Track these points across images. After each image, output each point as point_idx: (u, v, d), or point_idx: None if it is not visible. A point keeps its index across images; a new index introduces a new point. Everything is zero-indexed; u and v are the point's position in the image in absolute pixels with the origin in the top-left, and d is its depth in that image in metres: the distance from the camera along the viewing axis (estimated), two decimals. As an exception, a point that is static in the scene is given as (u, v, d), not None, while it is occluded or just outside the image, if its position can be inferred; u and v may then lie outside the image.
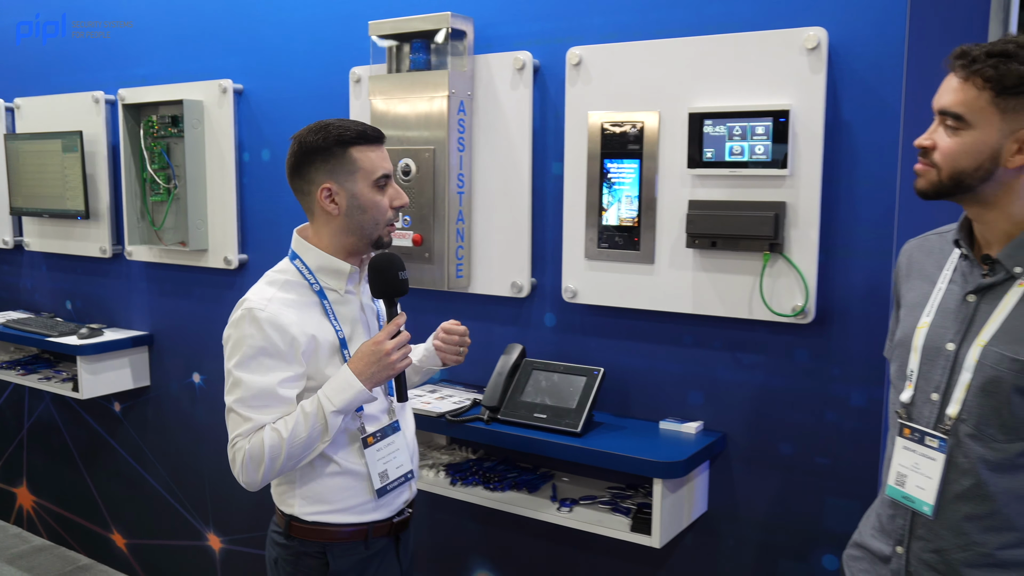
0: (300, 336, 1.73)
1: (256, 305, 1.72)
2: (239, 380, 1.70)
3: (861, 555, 1.62)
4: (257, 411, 1.69)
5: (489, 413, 2.31)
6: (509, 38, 2.43)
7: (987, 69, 1.34)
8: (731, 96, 2.07)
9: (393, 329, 1.78)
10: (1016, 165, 1.37)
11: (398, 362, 1.76)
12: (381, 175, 1.78)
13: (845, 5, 1.96)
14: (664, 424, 2.26)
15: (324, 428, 1.71)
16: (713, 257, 2.13)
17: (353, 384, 1.72)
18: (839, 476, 2.09)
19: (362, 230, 1.79)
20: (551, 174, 2.40)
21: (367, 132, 1.77)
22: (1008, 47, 1.34)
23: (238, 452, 1.70)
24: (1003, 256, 1.42)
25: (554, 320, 2.46)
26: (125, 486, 3.73)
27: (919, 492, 1.47)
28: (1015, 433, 1.38)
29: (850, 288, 2.03)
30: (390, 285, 1.80)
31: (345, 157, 1.75)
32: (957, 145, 1.39)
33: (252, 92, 3.05)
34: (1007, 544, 1.40)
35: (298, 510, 1.82)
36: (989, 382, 1.39)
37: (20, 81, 3.79)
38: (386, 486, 1.84)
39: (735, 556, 2.26)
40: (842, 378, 2.06)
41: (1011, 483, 1.39)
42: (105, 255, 3.51)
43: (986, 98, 1.35)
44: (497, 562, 2.67)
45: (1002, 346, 1.39)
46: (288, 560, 1.85)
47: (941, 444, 1.44)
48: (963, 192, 1.42)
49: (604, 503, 2.26)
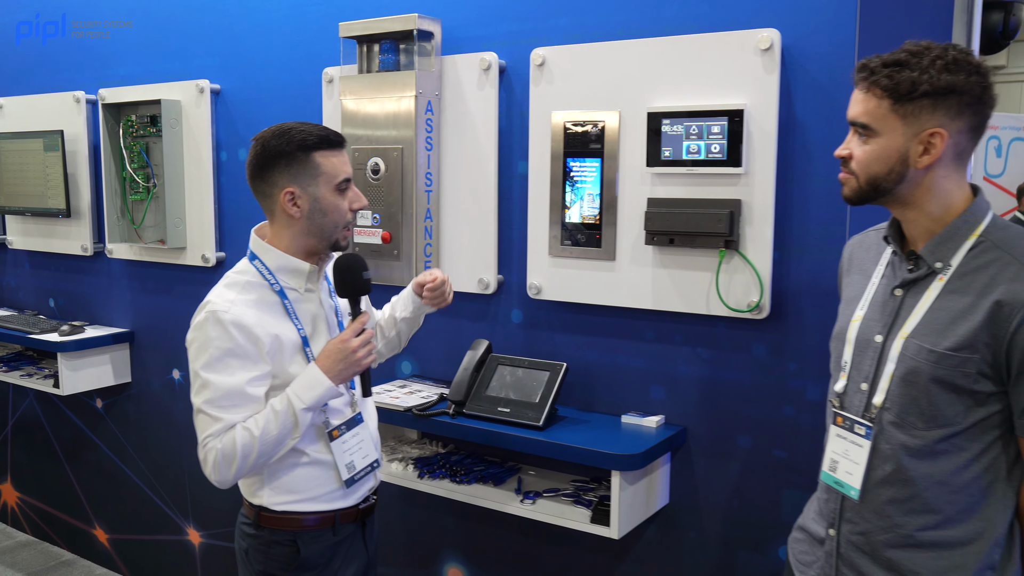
0: (264, 336, 1.77)
1: (219, 307, 1.76)
2: (207, 382, 1.75)
3: (802, 537, 1.68)
4: (227, 411, 1.74)
5: (455, 407, 2.35)
6: (476, 39, 2.48)
7: (883, 79, 1.41)
8: (688, 96, 2.11)
9: (358, 327, 1.84)
10: (924, 165, 1.43)
11: (363, 359, 1.83)
12: (343, 179, 1.82)
13: (797, 7, 2.01)
14: (626, 418, 2.30)
15: (295, 425, 1.76)
16: (671, 254, 2.17)
17: (322, 382, 1.78)
18: (796, 468, 2.13)
19: (322, 232, 1.83)
20: (517, 173, 2.44)
21: (329, 137, 1.81)
22: (902, 56, 1.41)
23: (210, 452, 1.75)
24: (925, 252, 1.48)
25: (521, 316, 2.50)
26: (107, 482, 3.77)
27: (848, 477, 1.53)
28: (933, 421, 1.43)
29: (804, 284, 2.07)
30: (355, 285, 1.86)
31: (308, 162, 1.79)
32: (868, 153, 1.46)
33: (229, 92, 3.09)
34: (926, 526, 1.46)
35: (267, 500, 1.86)
36: (910, 372, 1.45)
37: (2, 81, 3.83)
38: (353, 476, 1.90)
39: (696, 547, 2.30)
40: (798, 372, 2.10)
41: (930, 468, 1.45)
42: (87, 253, 3.55)
43: (886, 106, 1.42)
44: (468, 555, 2.71)
45: (921, 338, 1.44)
46: (259, 549, 1.89)
47: (867, 431, 1.50)
48: (882, 195, 1.48)
49: (567, 495, 2.30)
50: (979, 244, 1.44)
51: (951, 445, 1.43)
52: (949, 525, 1.45)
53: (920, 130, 1.41)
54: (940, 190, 1.46)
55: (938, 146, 1.41)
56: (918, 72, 1.39)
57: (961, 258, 1.45)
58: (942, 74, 1.38)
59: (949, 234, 1.46)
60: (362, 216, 2.53)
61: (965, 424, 1.43)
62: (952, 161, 1.45)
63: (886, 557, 1.50)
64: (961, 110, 1.40)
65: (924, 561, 1.46)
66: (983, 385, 1.41)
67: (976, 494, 1.44)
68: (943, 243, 1.47)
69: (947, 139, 1.41)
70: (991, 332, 1.38)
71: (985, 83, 1.41)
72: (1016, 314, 1.36)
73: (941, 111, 1.40)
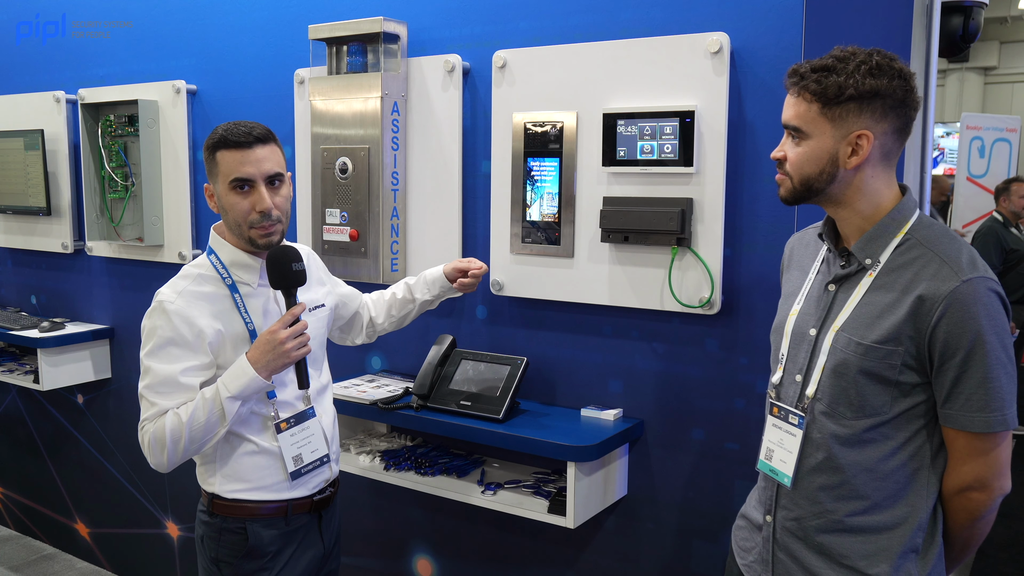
0: (207, 328, 1.83)
1: (167, 298, 1.84)
2: (148, 368, 1.82)
3: (743, 524, 1.75)
4: (162, 397, 1.81)
5: (419, 401, 2.41)
6: (441, 41, 2.53)
7: (812, 84, 1.47)
8: (642, 97, 2.17)
9: (289, 319, 1.86)
10: (853, 166, 1.49)
11: (293, 351, 1.84)
12: (234, 178, 1.83)
13: (745, 12, 2.07)
14: (585, 411, 2.36)
15: (221, 413, 1.80)
16: (626, 251, 2.23)
17: (247, 371, 1.81)
18: (747, 461, 2.19)
19: (236, 229, 1.88)
20: (480, 172, 2.50)
21: (228, 137, 1.83)
22: (829, 62, 1.47)
23: (145, 435, 1.82)
24: (856, 249, 1.54)
25: (485, 312, 2.56)
26: (88, 476, 3.82)
27: (782, 465, 1.60)
28: (861, 411, 1.50)
29: (754, 280, 2.13)
30: (286, 277, 1.88)
31: (213, 160, 1.86)
32: (800, 155, 1.52)
33: (205, 92, 3.14)
34: (855, 511, 1.52)
35: (219, 488, 1.92)
36: (839, 364, 1.51)
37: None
38: (300, 469, 1.94)
39: (653, 538, 2.36)
40: (749, 367, 2.16)
41: (858, 456, 1.51)
42: (67, 251, 3.60)
43: (815, 110, 1.48)
44: (436, 546, 2.77)
45: (850, 331, 1.50)
46: (212, 536, 1.95)
47: (800, 421, 1.57)
48: (815, 195, 1.54)
49: (527, 487, 2.36)
50: (905, 241, 1.51)
51: (878, 434, 1.50)
52: (876, 511, 1.51)
53: (848, 132, 1.47)
54: (869, 189, 1.52)
55: (865, 147, 1.47)
56: (844, 77, 1.45)
57: (889, 255, 1.51)
58: (867, 79, 1.44)
59: (878, 232, 1.52)
60: (330, 214, 2.59)
61: (891, 414, 1.49)
62: (880, 161, 1.51)
63: (817, 542, 1.56)
64: (886, 112, 1.47)
65: (852, 545, 1.53)
66: (908, 376, 1.47)
67: (902, 481, 1.50)
68: (872, 240, 1.53)
69: (873, 140, 1.47)
70: (914, 326, 1.44)
71: (907, 86, 1.48)
72: (936, 308, 1.42)
73: (867, 114, 1.46)
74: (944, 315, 1.41)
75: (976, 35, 3.05)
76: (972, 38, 3.03)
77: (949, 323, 1.41)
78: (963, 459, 1.48)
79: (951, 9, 3.00)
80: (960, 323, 1.40)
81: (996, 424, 1.43)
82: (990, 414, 1.43)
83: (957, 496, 1.51)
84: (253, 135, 1.84)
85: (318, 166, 2.60)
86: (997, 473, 1.48)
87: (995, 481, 1.48)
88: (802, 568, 1.58)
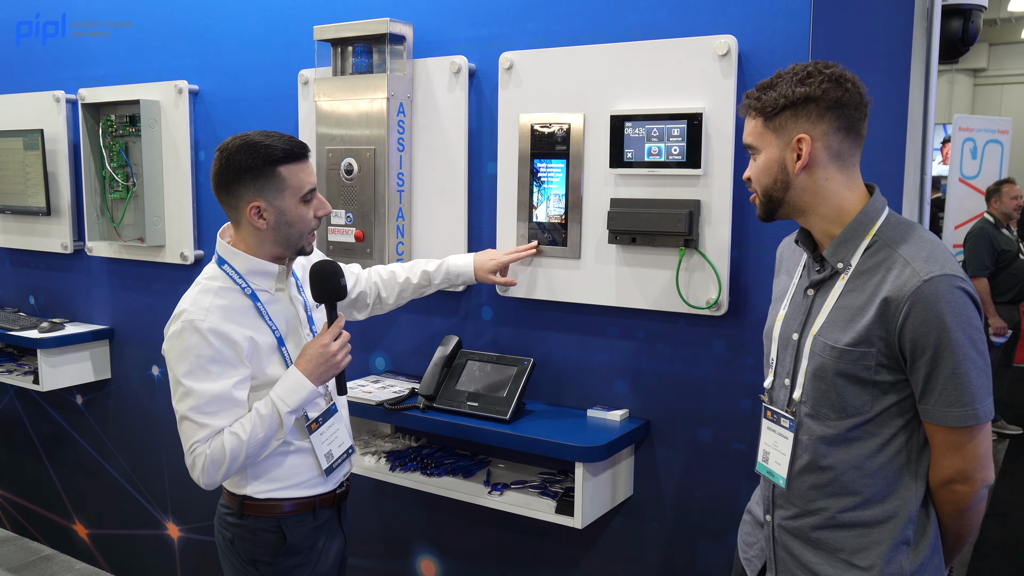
0: (241, 340, 1.84)
1: (196, 316, 1.82)
2: (191, 390, 1.80)
3: (749, 519, 1.81)
4: (213, 417, 1.81)
5: (425, 401, 2.41)
6: (447, 43, 2.54)
7: (754, 102, 1.57)
8: (649, 99, 2.18)
9: (336, 331, 1.93)
10: (799, 169, 1.55)
11: (342, 361, 1.93)
12: (308, 190, 1.88)
13: (753, 15, 2.08)
14: (592, 412, 2.37)
15: (280, 427, 1.86)
16: (634, 252, 2.24)
17: (305, 385, 1.87)
18: (754, 461, 2.18)
19: (287, 242, 1.90)
20: (486, 173, 2.51)
21: (294, 150, 1.84)
22: (770, 80, 1.57)
23: (198, 458, 1.81)
24: (828, 254, 1.59)
25: (491, 313, 2.57)
26: (87, 477, 3.81)
27: (776, 467, 1.65)
28: (843, 411, 1.54)
29: (760, 281, 2.14)
30: (332, 292, 1.95)
31: (274, 176, 1.83)
32: (757, 169, 1.60)
33: (207, 93, 3.14)
34: (847, 507, 1.57)
35: (251, 490, 1.94)
36: (818, 368, 1.56)
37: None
38: (332, 465, 2.00)
39: (659, 538, 2.37)
40: (755, 368, 2.18)
41: (845, 455, 1.56)
42: (67, 251, 3.59)
43: (760, 124, 1.57)
44: (440, 546, 2.77)
45: (826, 335, 1.55)
46: (245, 538, 1.96)
47: (791, 424, 1.62)
48: (779, 205, 1.60)
49: (534, 487, 2.37)
50: (873, 244, 1.55)
51: (863, 432, 1.54)
52: (868, 506, 1.56)
53: (790, 139, 1.54)
54: (827, 192, 1.56)
55: (805, 150, 1.53)
56: (779, 89, 1.54)
57: (859, 257, 1.56)
58: (796, 87, 1.53)
59: (847, 235, 1.57)
60: (335, 215, 2.59)
61: (873, 412, 1.53)
62: (831, 163, 1.55)
63: (813, 538, 1.61)
64: (821, 114, 1.53)
65: (846, 539, 1.57)
66: (884, 375, 1.51)
67: (891, 476, 1.54)
68: (842, 244, 1.57)
69: (813, 142, 1.53)
70: (883, 327, 1.48)
71: (840, 88, 1.53)
72: (901, 309, 1.46)
73: (802, 119, 1.53)
74: (909, 315, 1.45)
75: (975, 38, 3.08)
76: (971, 40, 3.06)
77: (915, 322, 1.45)
78: (943, 453, 1.52)
79: (951, 12, 3.02)
80: (925, 322, 1.44)
81: (969, 418, 1.47)
82: (962, 408, 1.46)
83: (942, 489, 1.55)
84: (302, 144, 1.87)
85: (323, 167, 2.60)
86: (978, 465, 1.51)
87: (976, 473, 1.51)
88: (801, 565, 1.62)
